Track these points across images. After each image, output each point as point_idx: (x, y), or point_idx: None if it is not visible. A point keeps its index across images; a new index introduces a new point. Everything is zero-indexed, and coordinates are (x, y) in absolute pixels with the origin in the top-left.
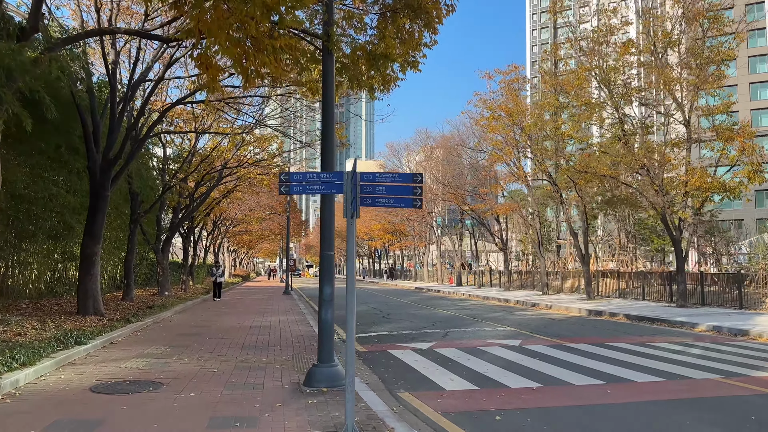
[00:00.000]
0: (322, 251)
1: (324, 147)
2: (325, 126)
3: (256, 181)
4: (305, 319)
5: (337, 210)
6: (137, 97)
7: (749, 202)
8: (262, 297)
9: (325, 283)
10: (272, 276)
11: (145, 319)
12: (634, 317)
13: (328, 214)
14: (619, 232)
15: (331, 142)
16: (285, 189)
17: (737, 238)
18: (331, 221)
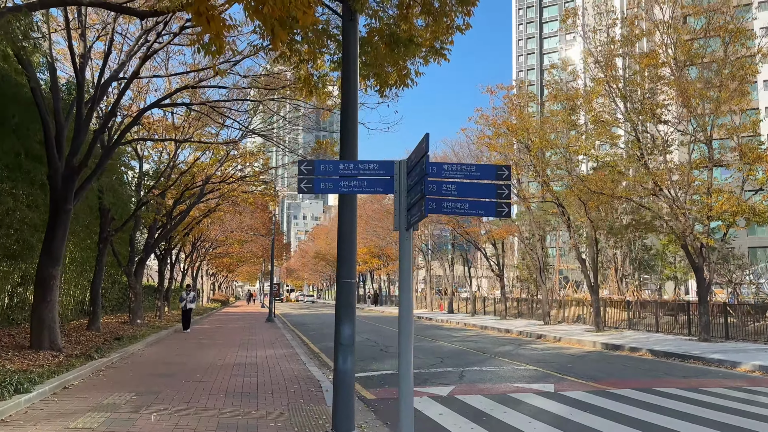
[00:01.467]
0: (340, 277)
1: (344, 132)
2: (346, 105)
3: (240, 200)
4: (295, 354)
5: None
6: (109, 98)
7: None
8: (243, 325)
9: (343, 320)
10: (252, 301)
11: (110, 354)
12: (660, 353)
13: (347, 225)
14: (623, 258)
15: (354, 123)
16: (306, 186)
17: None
18: (352, 234)
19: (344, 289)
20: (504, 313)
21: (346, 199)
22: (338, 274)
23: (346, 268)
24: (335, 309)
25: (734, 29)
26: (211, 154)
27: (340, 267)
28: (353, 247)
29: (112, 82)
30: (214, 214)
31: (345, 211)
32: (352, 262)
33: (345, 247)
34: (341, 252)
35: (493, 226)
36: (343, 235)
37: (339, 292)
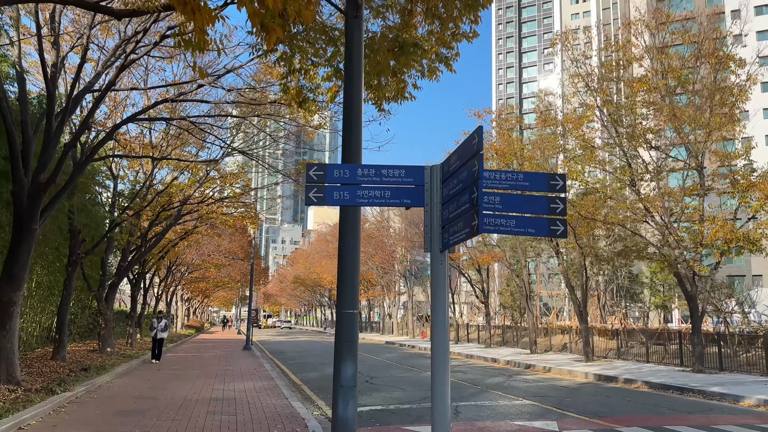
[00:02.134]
0: (340, 307)
1: (347, 139)
2: (349, 110)
3: (219, 222)
4: (275, 386)
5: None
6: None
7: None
8: (219, 353)
9: (344, 357)
10: (228, 327)
11: (76, 387)
12: (658, 386)
13: (349, 247)
14: (605, 286)
15: (357, 130)
16: (316, 196)
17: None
18: (354, 258)
19: (345, 322)
20: (489, 341)
21: (348, 215)
22: (338, 303)
23: (348, 297)
24: (335, 344)
25: (723, 56)
26: (189, 174)
27: (340, 295)
28: (356, 272)
29: (86, 95)
30: (191, 237)
31: (347, 231)
32: (355, 289)
33: (346, 272)
34: (342, 278)
35: (477, 252)
36: (344, 259)
37: (339, 325)
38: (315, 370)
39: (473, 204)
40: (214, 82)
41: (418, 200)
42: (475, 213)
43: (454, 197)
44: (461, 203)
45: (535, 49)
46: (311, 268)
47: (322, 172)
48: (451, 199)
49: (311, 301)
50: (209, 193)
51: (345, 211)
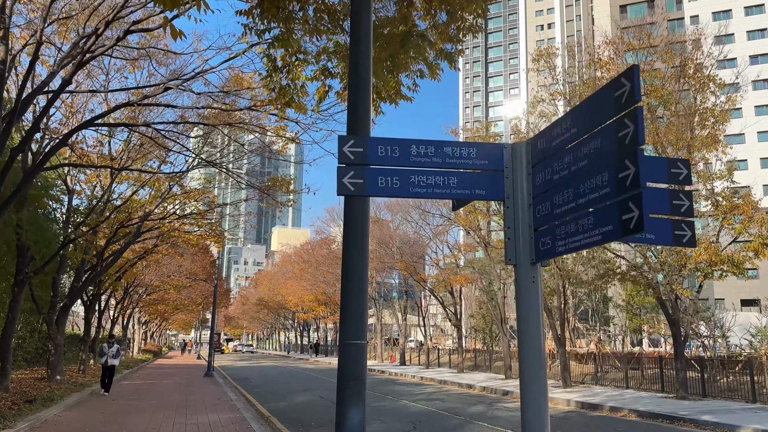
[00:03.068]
0: (344, 337)
1: (354, 100)
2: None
3: (181, 240)
4: (243, 420)
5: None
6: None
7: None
8: (179, 380)
9: (349, 400)
10: (187, 351)
11: (17, 423)
12: (646, 414)
13: (357, 260)
14: (574, 309)
15: (366, 91)
16: (353, 182)
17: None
18: (362, 275)
19: (351, 355)
20: (461, 365)
21: (355, 223)
22: (342, 333)
23: (354, 324)
24: (337, 383)
25: (703, 77)
26: (151, 190)
27: (345, 322)
28: (363, 293)
29: (38, 96)
30: (150, 257)
31: (355, 243)
32: (363, 315)
33: (352, 294)
34: (347, 301)
35: (451, 274)
36: (350, 278)
37: (343, 359)
38: (283, 399)
39: (623, 187)
40: (182, 84)
41: (496, 190)
42: (631, 201)
43: (564, 183)
44: (589, 189)
45: (501, 74)
46: (276, 290)
47: (362, 148)
48: (557, 186)
49: (274, 324)
50: (171, 210)
51: (351, 219)
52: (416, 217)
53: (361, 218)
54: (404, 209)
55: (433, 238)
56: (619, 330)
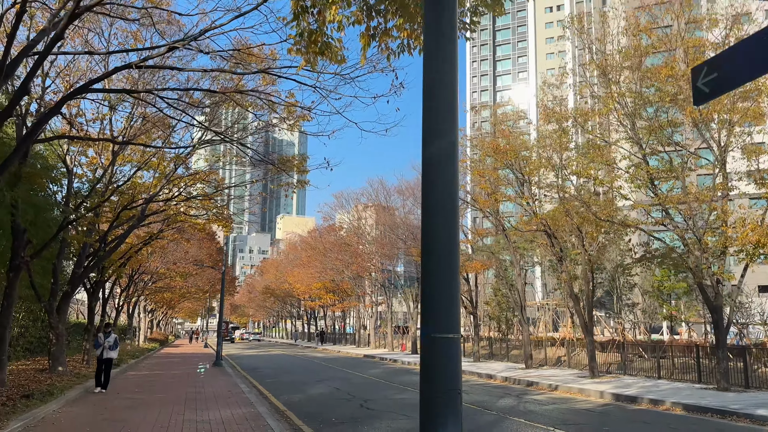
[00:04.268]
0: (430, 329)
1: (435, 74)
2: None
3: (187, 225)
4: (258, 415)
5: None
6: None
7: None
8: (187, 370)
9: (442, 416)
10: (195, 339)
11: (10, 422)
12: (692, 407)
13: (443, 230)
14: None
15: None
16: None
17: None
18: (452, 240)
19: (441, 353)
20: (477, 354)
21: (440, 175)
22: (425, 323)
23: (444, 311)
24: (421, 391)
25: None
26: (155, 173)
27: (430, 309)
28: (454, 269)
29: (27, 57)
30: (155, 243)
31: (439, 201)
32: (454, 298)
33: (439, 270)
34: (432, 280)
35: (466, 260)
36: (434, 248)
37: (430, 358)
38: (297, 390)
39: None
40: (188, 43)
41: None
42: None
43: None
44: None
45: (510, 57)
46: (283, 278)
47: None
48: None
49: (281, 312)
50: (176, 192)
51: (432, 175)
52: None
53: (448, 172)
54: (415, 193)
55: None
56: (642, 317)
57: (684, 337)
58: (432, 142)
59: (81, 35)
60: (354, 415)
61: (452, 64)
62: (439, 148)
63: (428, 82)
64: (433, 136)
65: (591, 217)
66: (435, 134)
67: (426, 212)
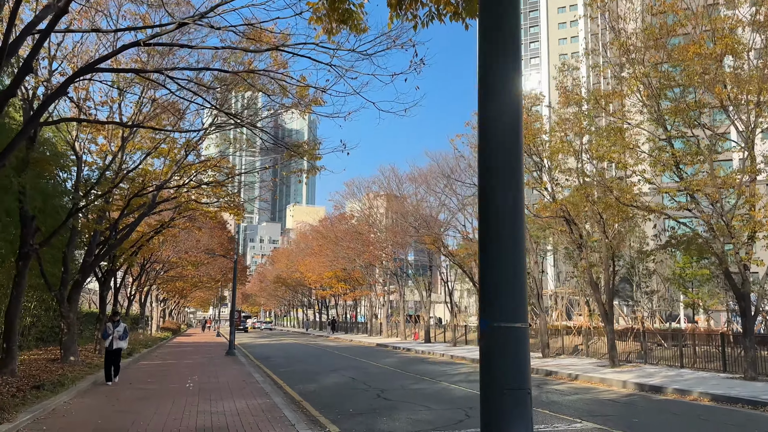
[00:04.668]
0: (493, 318)
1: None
2: None
3: (199, 213)
4: (274, 406)
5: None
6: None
7: None
8: (200, 359)
9: (508, 416)
10: (207, 328)
11: (19, 414)
12: (720, 398)
13: (506, 199)
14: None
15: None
16: None
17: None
18: (517, 211)
19: (505, 345)
20: None
21: (503, 133)
22: (486, 310)
23: (509, 296)
24: (481, 389)
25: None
26: (165, 160)
27: (491, 293)
28: (519, 246)
29: (29, 35)
30: (167, 231)
31: (501, 164)
32: (520, 281)
33: (502, 246)
34: (493, 259)
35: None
36: (494, 221)
37: (492, 351)
38: (312, 380)
39: None
40: (198, 20)
41: None
42: None
43: None
44: None
45: (522, 42)
46: (294, 267)
47: None
48: None
49: (292, 301)
50: (187, 180)
51: (493, 135)
52: (440, 188)
53: (512, 129)
54: (428, 180)
55: (461, 209)
56: (661, 305)
57: (702, 325)
58: (493, 97)
59: (88, 16)
60: (372, 405)
61: (514, 3)
62: (502, 102)
63: (486, 22)
64: (494, 90)
65: (613, 201)
66: (496, 86)
67: (485, 175)
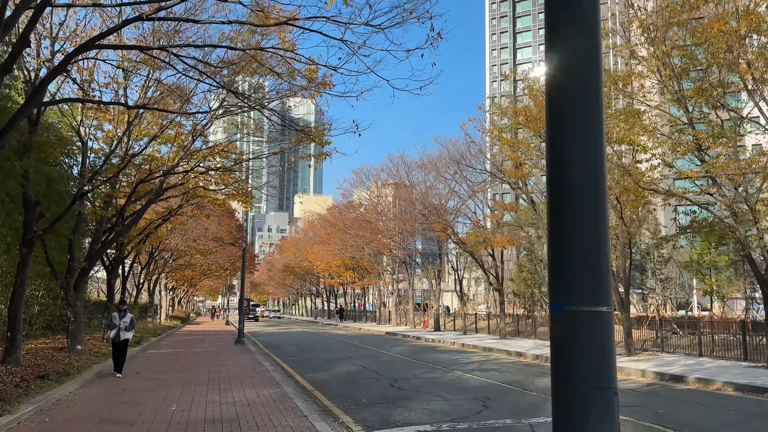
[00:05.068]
0: (565, 300)
1: None
2: None
3: (207, 201)
4: (285, 395)
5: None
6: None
7: None
8: (209, 348)
9: (590, 420)
10: (216, 317)
11: (21, 405)
12: (746, 387)
13: (584, 158)
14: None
15: None
16: None
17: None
18: (597, 173)
19: (584, 334)
20: (503, 331)
21: (579, 70)
22: (558, 290)
23: (587, 274)
24: (553, 386)
25: None
26: (172, 146)
27: (564, 272)
28: (600, 216)
29: (26, 9)
30: (175, 219)
31: (578, 111)
32: (602, 257)
33: (578, 216)
34: (567, 231)
35: (490, 234)
36: (571, 187)
37: (568, 340)
38: (322, 369)
39: None
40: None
41: None
42: None
43: None
44: None
45: (530, 29)
46: (302, 256)
47: None
48: None
49: (300, 290)
50: (195, 166)
51: (565, 72)
52: (450, 175)
53: (592, 73)
54: (437, 167)
55: (471, 196)
56: (676, 292)
57: (717, 312)
58: (566, 38)
59: None
60: (385, 395)
61: None
62: (578, 44)
63: None
64: (565, 31)
65: (632, 185)
66: (569, 26)
67: (555, 129)
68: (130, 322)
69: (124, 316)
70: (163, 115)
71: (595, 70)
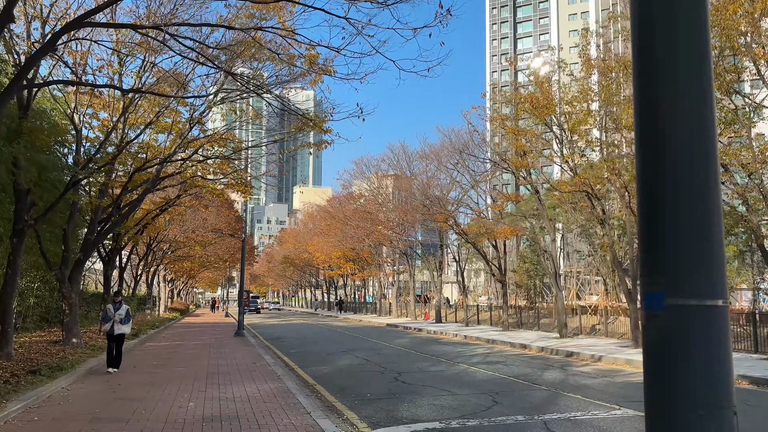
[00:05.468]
0: (670, 292)
1: None
2: None
3: (205, 191)
4: (286, 390)
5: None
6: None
7: None
8: (208, 341)
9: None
10: (216, 309)
11: (8, 403)
12: (761, 381)
13: (687, 121)
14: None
15: None
16: None
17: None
18: (707, 136)
19: (692, 333)
20: (506, 323)
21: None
22: (652, 281)
23: (700, 259)
24: (648, 399)
25: None
26: (169, 135)
27: (661, 257)
28: (712, 190)
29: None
30: (173, 209)
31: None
32: (716, 240)
33: (682, 189)
34: (667, 205)
35: (498, 224)
36: (674, 155)
37: (663, 341)
38: (324, 362)
39: None
40: None
41: None
42: None
43: None
44: None
45: (531, 19)
46: (301, 247)
47: None
48: None
49: (300, 282)
50: (192, 154)
51: (668, 17)
52: (452, 164)
53: (697, 20)
54: (439, 156)
55: (474, 186)
56: None
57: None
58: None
59: None
60: (390, 389)
61: None
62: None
63: None
64: None
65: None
66: None
67: (646, 89)
68: (126, 315)
69: (119, 308)
70: (159, 103)
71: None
